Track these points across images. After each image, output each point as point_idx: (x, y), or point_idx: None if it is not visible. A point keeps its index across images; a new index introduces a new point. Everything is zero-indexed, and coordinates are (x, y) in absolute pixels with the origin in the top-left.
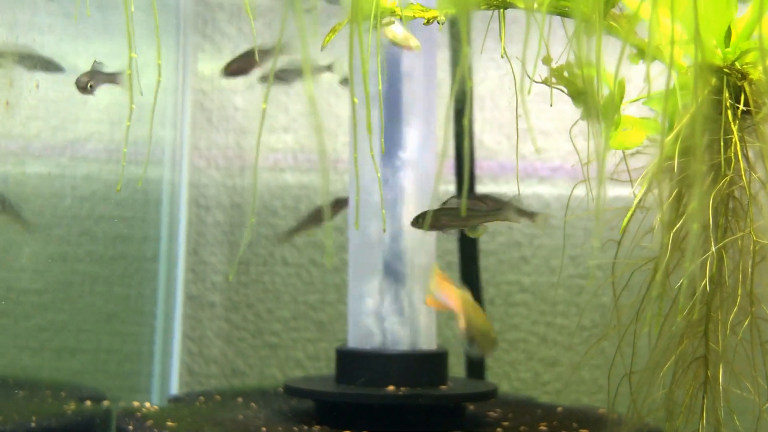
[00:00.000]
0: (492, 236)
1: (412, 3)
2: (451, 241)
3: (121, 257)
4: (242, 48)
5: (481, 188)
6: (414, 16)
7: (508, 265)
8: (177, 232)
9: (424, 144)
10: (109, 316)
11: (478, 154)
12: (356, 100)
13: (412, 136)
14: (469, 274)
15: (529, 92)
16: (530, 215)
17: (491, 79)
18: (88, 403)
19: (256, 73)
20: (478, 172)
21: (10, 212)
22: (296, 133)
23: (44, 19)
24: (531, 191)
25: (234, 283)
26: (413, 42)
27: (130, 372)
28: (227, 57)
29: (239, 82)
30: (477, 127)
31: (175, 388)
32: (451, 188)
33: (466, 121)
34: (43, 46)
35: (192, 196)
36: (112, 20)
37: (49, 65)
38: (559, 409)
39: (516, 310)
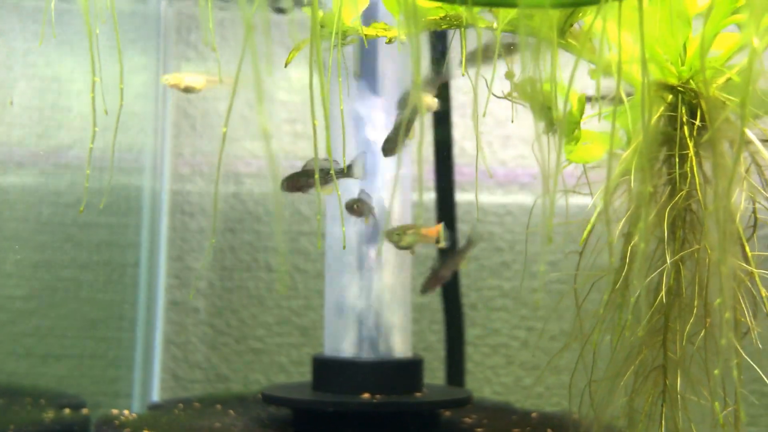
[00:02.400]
0: None
1: (375, 22)
2: (430, 247)
3: (105, 263)
4: (224, 57)
5: (461, 195)
6: (377, 35)
7: (489, 271)
8: (158, 238)
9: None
10: (93, 322)
11: (459, 160)
12: (316, 122)
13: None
14: (450, 279)
15: (484, 114)
16: None
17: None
18: (67, 411)
19: None
20: (459, 178)
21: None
22: (280, 141)
23: (30, 27)
24: (512, 198)
25: (218, 289)
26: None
27: (113, 378)
28: (211, 65)
29: (222, 88)
30: (458, 134)
31: (156, 394)
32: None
33: (420, 138)
34: (27, 54)
35: (176, 202)
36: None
37: None
38: (534, 414)
39: (497, 315)
